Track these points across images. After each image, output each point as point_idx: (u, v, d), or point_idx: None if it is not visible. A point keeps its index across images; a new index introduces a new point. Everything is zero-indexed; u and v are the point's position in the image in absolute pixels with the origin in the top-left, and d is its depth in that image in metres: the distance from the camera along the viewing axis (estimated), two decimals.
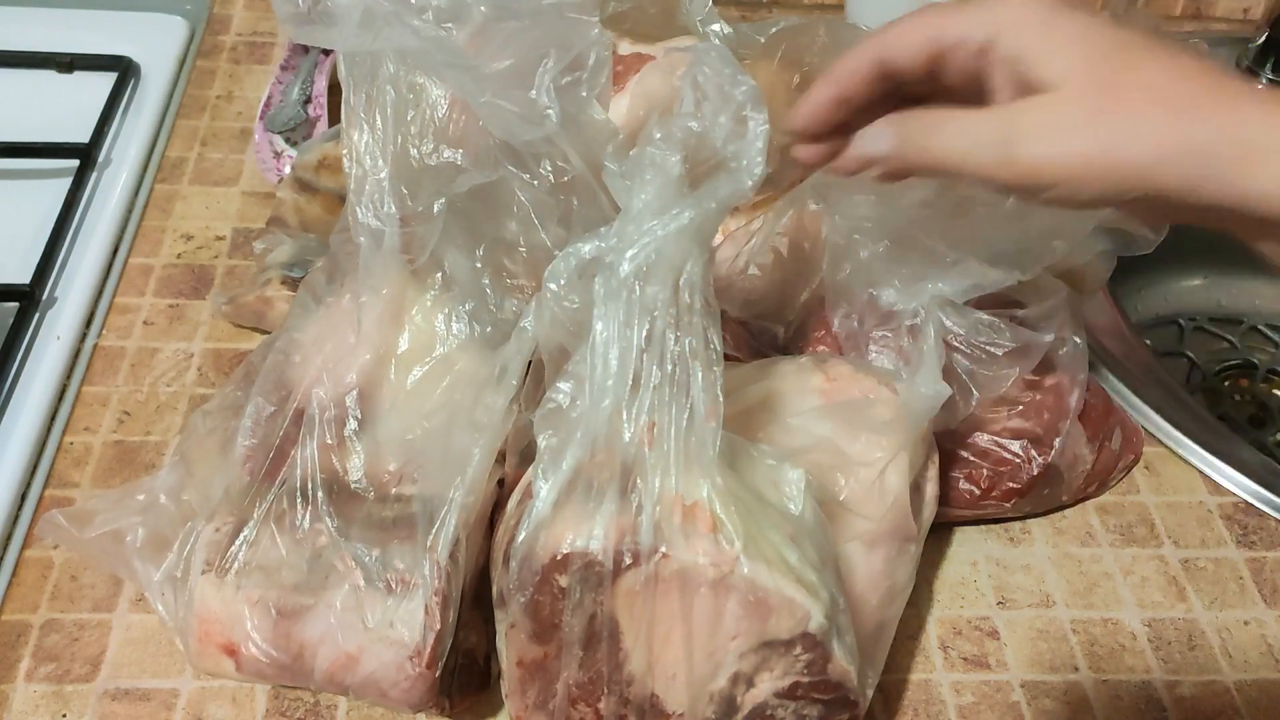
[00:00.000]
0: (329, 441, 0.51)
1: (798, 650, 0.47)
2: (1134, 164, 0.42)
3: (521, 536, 0.47)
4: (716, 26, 0.73)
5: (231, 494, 0.52)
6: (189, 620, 0.51)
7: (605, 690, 0.47)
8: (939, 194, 0.56)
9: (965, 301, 0.59)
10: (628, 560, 0.45)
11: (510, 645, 0.48)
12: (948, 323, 0.58)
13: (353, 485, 0.52)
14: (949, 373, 0.58)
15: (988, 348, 0.59)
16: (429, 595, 0.50)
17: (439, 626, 0.50)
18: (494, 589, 0.50)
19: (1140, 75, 0.42)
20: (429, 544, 0.50)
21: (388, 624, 0.50)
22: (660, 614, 0.46)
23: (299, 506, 0.51)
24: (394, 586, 0.50)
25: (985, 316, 0.58)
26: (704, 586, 0.46)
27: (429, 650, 0.49)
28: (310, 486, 0.51)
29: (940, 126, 0.45)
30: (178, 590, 0.52)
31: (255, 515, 0.51)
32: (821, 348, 0.61)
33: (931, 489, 0.56)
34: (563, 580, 0.46)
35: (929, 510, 0.56)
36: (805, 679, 0.48)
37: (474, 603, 0.54)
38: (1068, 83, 0.43)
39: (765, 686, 0.48)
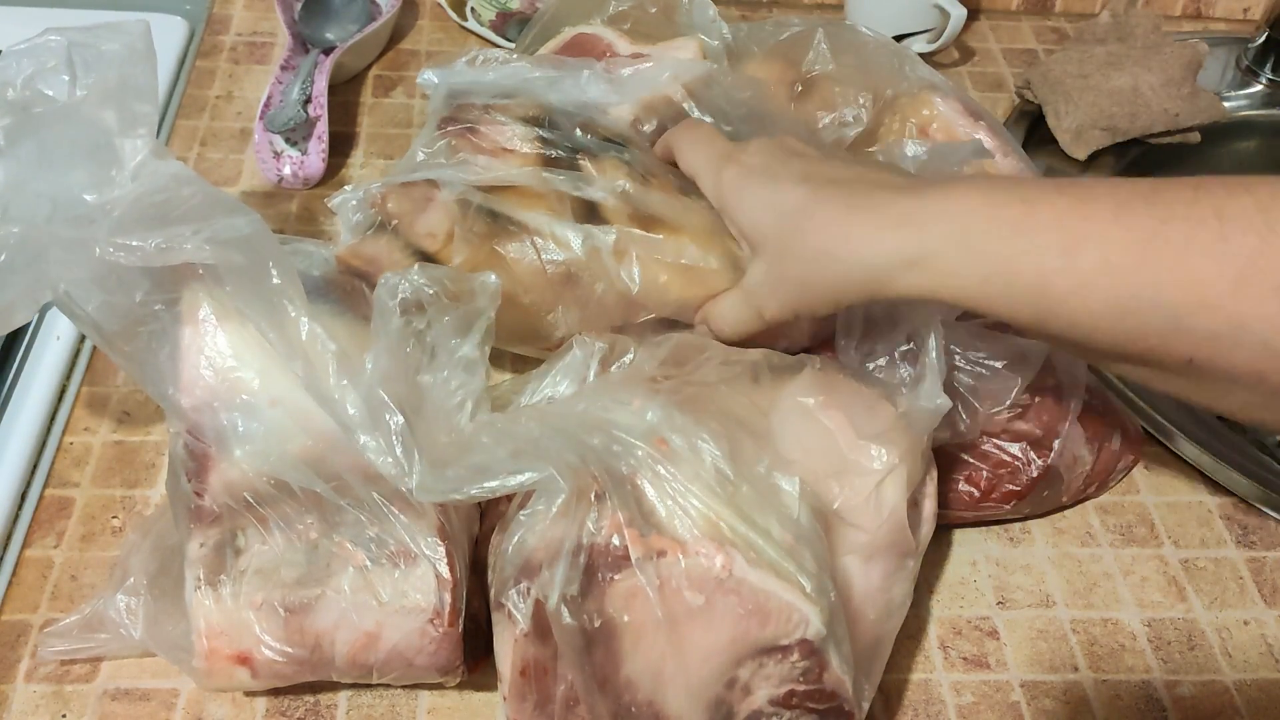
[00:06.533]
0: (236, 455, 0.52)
1: (795, 657, 0.47)
2: (816, 308, 0.53)
3: (518, 537, 0.47)
4: (717, 26, 0.73)
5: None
6: (192, 641, 0.50)
7: (602, 695, 0.47)
8: None
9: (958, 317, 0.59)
10: (625, 564, 0.45)
11: (507, 648, 0.48)
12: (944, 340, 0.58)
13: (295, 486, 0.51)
14: (951, 392, 0.58)
15: (986, 361, 0.59)
16: (436, 558, 0.50)
17: (453, 583, 0.50)
18: (491, 592, 0.50)
19: (805, 240, 0.51)
20: (422, 509, 0.51)
21: (402, 595, 0.50)
22: (658, 618, 0.46)
23: (270, 509, 0.51)
24: (398, 559, 0.50)
25: (980, 329, 0.58)
26: (702, 591, 0.46)
27: (449, 609, 0.50)
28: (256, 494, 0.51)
29: (717, 310, 0.57)
30: (172, 620, 0.52)
31: (236, 525, 0.51)
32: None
33: (930, 505, 0.56)
34: (560, 584, 0.46)
35: (927, 527, 0.56)
36: (801, 687, 0.48)
37: (471, 567, 0.54)
38: (763, 248, 0.54)
39: (761, 694, 0.48)
